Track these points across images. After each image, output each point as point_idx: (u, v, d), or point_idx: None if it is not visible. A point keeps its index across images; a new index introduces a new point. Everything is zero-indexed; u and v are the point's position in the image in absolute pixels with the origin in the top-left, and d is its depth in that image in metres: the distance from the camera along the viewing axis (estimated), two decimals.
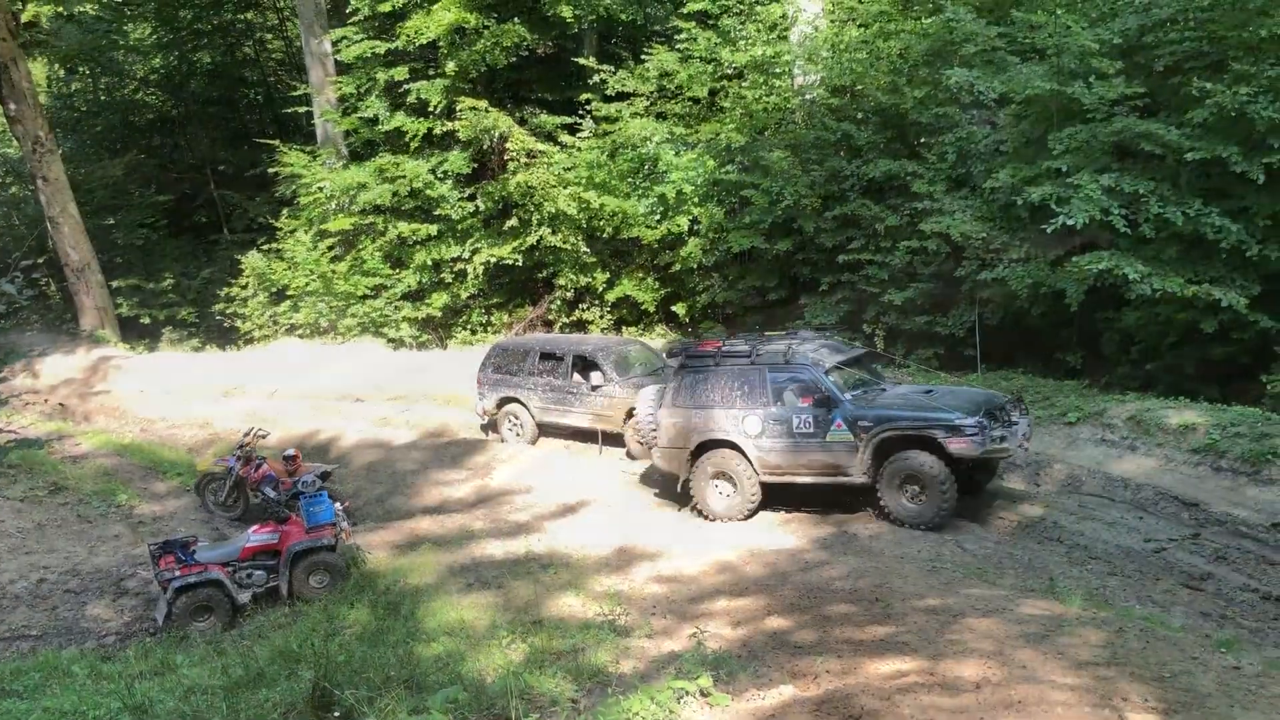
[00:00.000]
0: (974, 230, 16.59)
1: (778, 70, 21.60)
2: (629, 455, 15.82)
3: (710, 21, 23.15)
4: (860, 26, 21.12)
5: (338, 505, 12.07)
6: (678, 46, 23.01)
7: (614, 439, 16.17)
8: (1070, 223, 14.44)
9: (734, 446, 12.98)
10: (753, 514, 12.95)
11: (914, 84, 19.18)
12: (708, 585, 10.31)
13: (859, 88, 20.30)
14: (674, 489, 13.64)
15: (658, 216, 21.90)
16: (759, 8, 22.80)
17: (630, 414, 15.27)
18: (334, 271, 23.94)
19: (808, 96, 21.13)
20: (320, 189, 24.64)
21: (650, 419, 13.77)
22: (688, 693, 7.28)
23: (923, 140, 19.24)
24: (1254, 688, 7.20)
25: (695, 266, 21.57)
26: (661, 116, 23.19)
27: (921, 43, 19.27)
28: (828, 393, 12.57)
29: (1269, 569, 10.51)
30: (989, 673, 7.20)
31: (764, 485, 12.94)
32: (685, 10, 23.49)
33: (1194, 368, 15.26)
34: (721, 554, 11.25)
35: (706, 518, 13.14)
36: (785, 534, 12.29)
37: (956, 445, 11.67)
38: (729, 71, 22.54)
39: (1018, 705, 6.55)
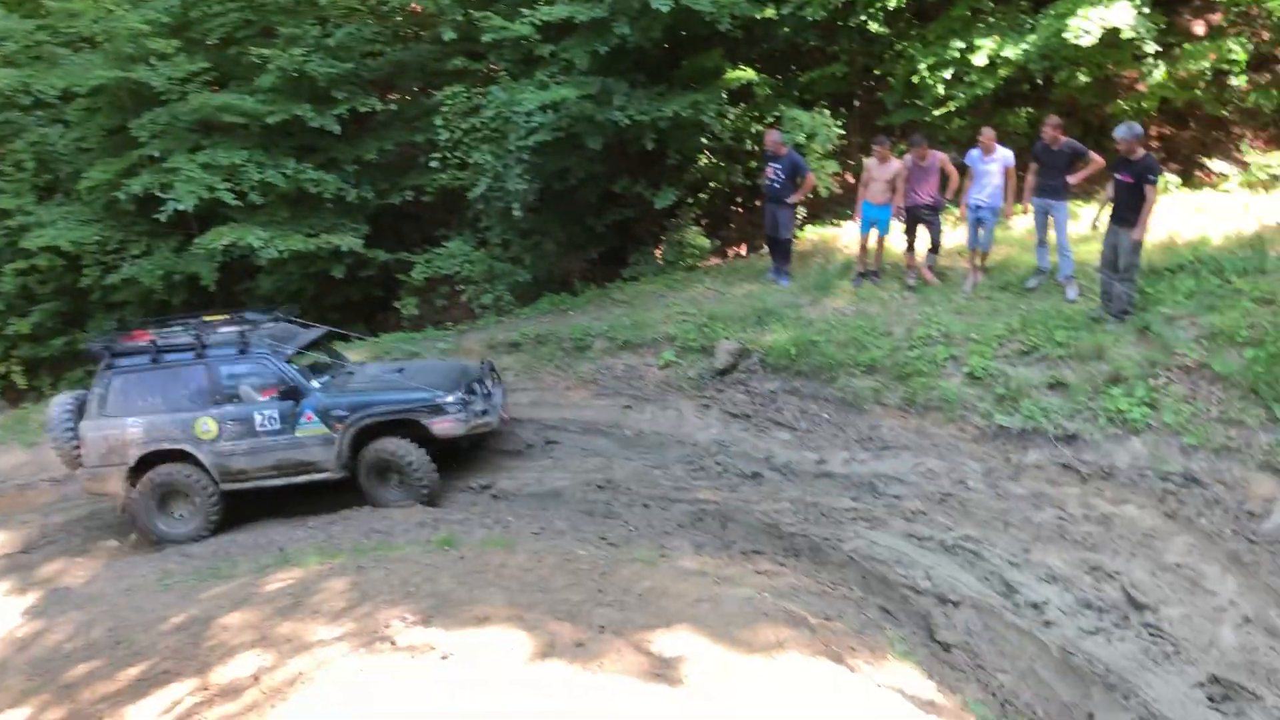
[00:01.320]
0: (84, 236, 15.57)
1: None
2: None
3: None
4: None
5: None
6: None
7: None
8: (181, 206, 14.32)
9: (186, 456, 11.16)
10: (215, 531, 11.28)
11: None
12: None
13: None
14: None
15: None
16: None
17: None
18: None
19: None
20: None
21: (69, 434, 11.33)
22: None
23: None
24: (476, 568, 8.19)
25: None
26: None
27: None
28: (294, 383, 11.16)
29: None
30: (261, 660, 7.14)
31: (227, 494, 11.31)
32: None
33: (340, 313, 16.35)
34: None
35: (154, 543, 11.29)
36: None
37: (441, 426, 11.02)
38: None
39: (301, 677, 6.63)
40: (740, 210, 17.41)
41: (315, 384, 11.37)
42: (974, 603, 8.11)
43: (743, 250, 16.70)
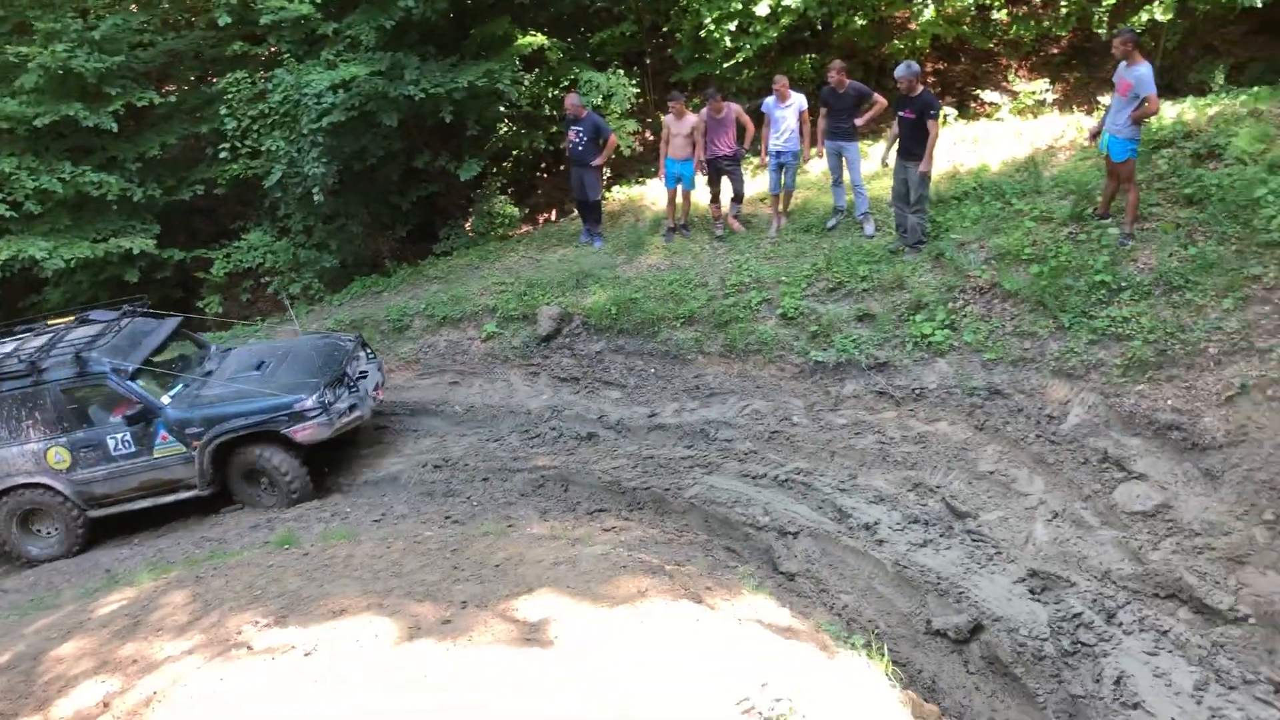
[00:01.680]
0: None
1: None
2: None
3: None
4: None
5: None
6: None
7: None
8: None
9: (46, 487, 10.58)
10: (83, 549, 10.80)
11: None
12: None
13: None
14: None
15: None
16: None
17: None
18: None
19: None
20: None
21: None
22: None
23: None
24: (322, 563, 8.04)
25: None
26: None
27: None
28: (140, 401, 10.34)
29: None
30: (108, 685, 6.85)
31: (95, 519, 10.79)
32: None
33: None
34: None
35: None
36: None
37: (304, 433, 10.37)
38: None
39: (156, 696, 6.41)
40: (546, 176, 17.44)
41: (166, 399, 10.54)
42: (811, 531, 8.52)
43: (553, 215, 16.75)
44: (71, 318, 11.70)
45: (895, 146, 11.18)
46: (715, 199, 13.19)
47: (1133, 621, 7.07)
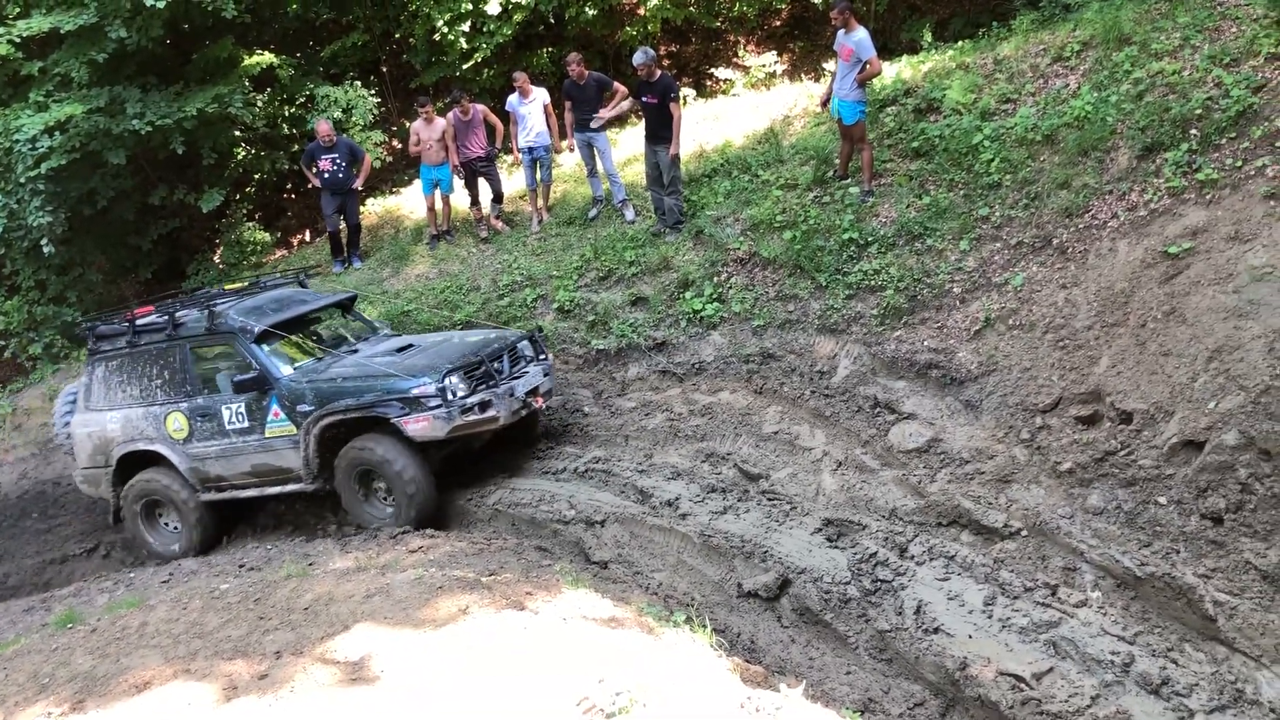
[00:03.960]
0: None
1: None
2: None
3: None
4: None
5: None
6: None
7: None
8: None
9: (162, 459, 9.73)
10: (206, 549, 9.88)
11: None
12: None
13: None
14: None
15: None
16: None
17: None
18: None
19: None
20: None
21: (66, 418, 10.32)
22: None
23: None
24: (114, 636, 7.53)
25: None
26: None
27: None
28: (259, 369, 9.12)
29: None
30: None
31: (210, 506, 9.84)
32: None
33: None
34: None
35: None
36: None
37: (416, 426, 8.63)
38: None
39: None
40: (293, 196, 16.86)
41: (287, 369, 9.29)
42: (617, 517, 8.67)
43: (307, 236, 16.22)
44: (248, 282, 10.93)
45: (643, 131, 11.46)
46: (475, 201, 13.14)
47: (923, 552, 7.58)
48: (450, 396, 8.61)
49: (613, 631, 5.27)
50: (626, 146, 13.09)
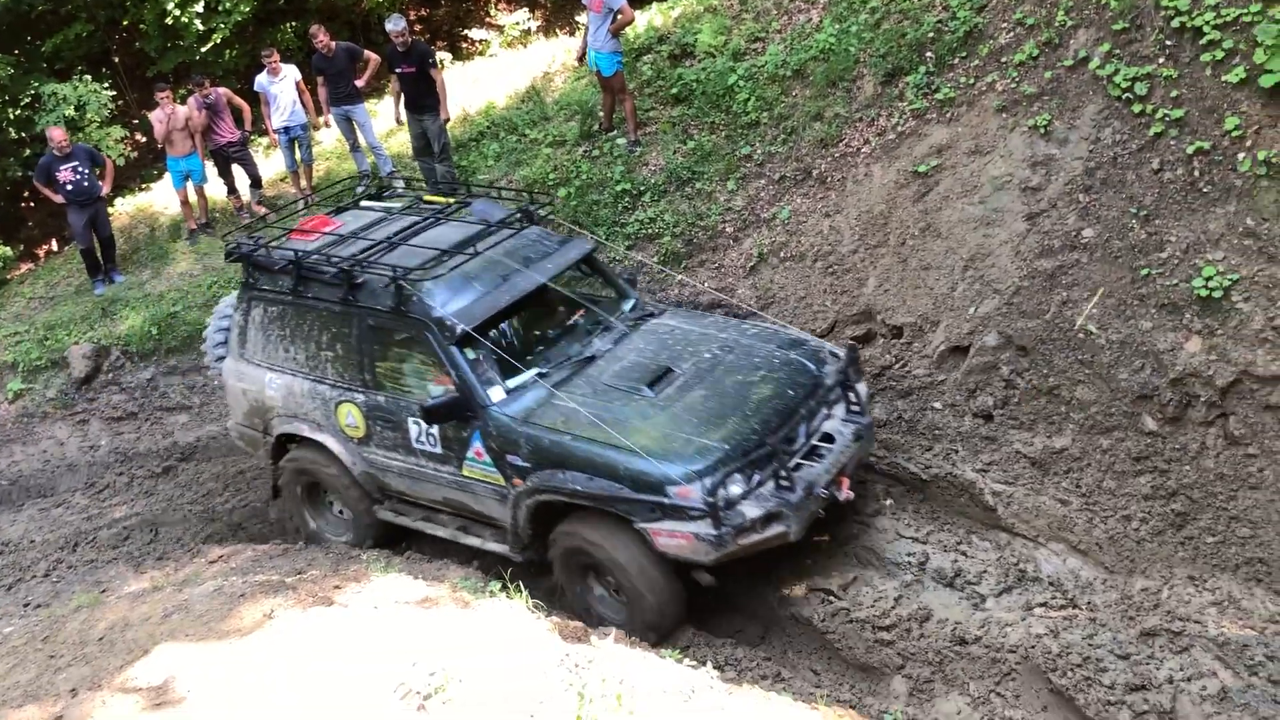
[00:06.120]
0: None
1: None
2: None
3: None
4: None
5: None
6: None
7: None
8: None
9: (328, 451, 7.35)
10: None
11: None
12: None
13: None
14: None
15: None
16: None
17: None
18: None
19: None
20: None
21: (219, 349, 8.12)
22: None
23: None
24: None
25: None
26: None
27: None
28: (459, 385, 6.46)
29: None
30: None
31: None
32: None
33: None
34: None
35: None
36: None
37: (669, 541, 5.86)
38: None
39: None
40: (33, 205, 15.62)
41: (499, 391, 6.52)
42: None
43: (54, 245, 15.10)
44: (453, 199, 8.11)
45: (403, 101, 11.14)
46: (232, 189, 12.52)
47: None
48: (721, 511, 5.76)
49: (427, 612, 5.20)
50: (387, 118, 12.69)
